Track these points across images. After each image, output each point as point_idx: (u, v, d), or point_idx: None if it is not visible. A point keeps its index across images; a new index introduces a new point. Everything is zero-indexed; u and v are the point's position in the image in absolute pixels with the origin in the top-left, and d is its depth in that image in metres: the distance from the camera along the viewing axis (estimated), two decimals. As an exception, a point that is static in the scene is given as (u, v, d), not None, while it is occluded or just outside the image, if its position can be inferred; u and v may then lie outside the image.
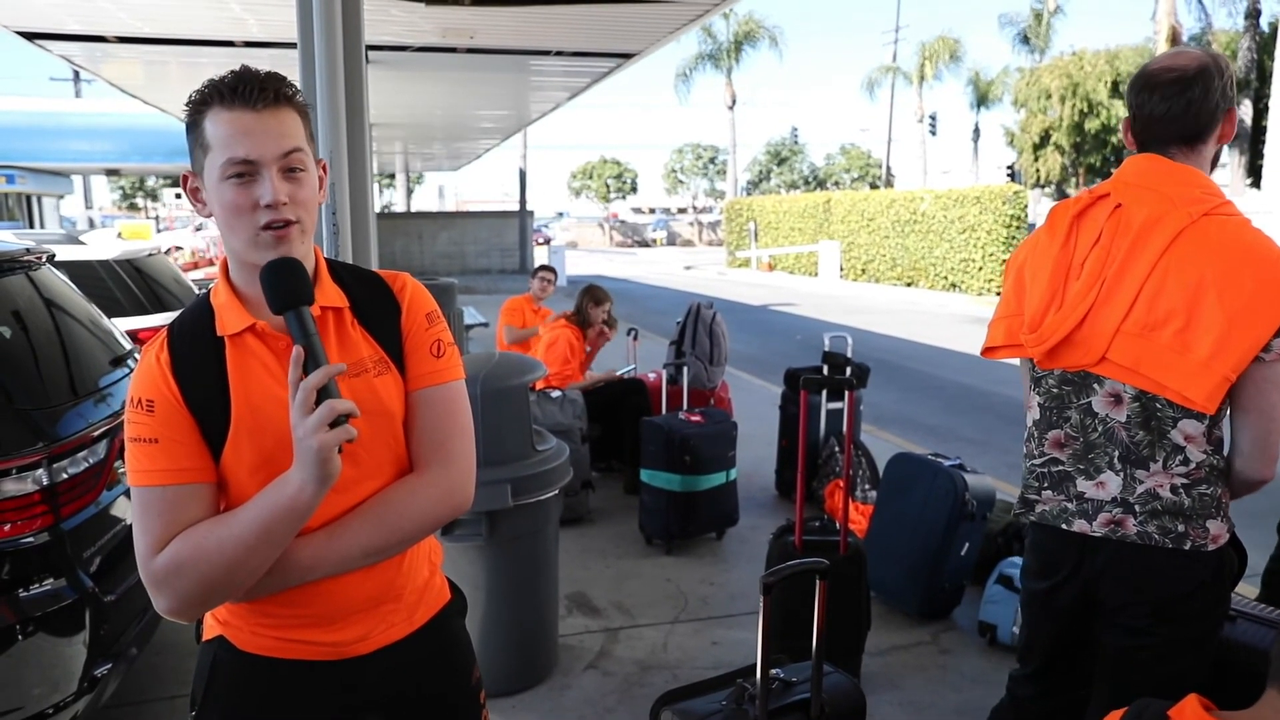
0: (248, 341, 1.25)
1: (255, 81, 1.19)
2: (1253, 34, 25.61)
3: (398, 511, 1.27)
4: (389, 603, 1.34)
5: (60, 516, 2.45)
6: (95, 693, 2.43)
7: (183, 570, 1.17)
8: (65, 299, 3.14)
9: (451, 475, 1.31)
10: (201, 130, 1.20)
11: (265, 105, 1.20)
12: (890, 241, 21.45)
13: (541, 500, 3.06)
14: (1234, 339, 1.62)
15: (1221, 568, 1.76)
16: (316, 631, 1.30)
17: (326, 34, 3.49)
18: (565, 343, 5.44)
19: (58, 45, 7.82)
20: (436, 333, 1.35)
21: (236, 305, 1.26)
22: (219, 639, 1.34)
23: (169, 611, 1.20)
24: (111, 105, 20.33)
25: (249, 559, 1.17)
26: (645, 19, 6.94)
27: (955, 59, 39.92)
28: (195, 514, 1.20)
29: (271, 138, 1.19)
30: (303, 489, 1.14)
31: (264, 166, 1.19)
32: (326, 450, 1.11)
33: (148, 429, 1.20)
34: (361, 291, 1.33)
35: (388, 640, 1.35)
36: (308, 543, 1.22)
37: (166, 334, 1.27)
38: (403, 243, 24.49)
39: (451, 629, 1.47)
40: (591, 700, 3.08)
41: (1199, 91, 1.72)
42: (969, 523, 3.58)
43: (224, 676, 1.33)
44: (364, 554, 1.25)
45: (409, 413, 1.32)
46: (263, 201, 1.19)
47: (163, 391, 1.22)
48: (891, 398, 8.35)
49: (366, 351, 1.30)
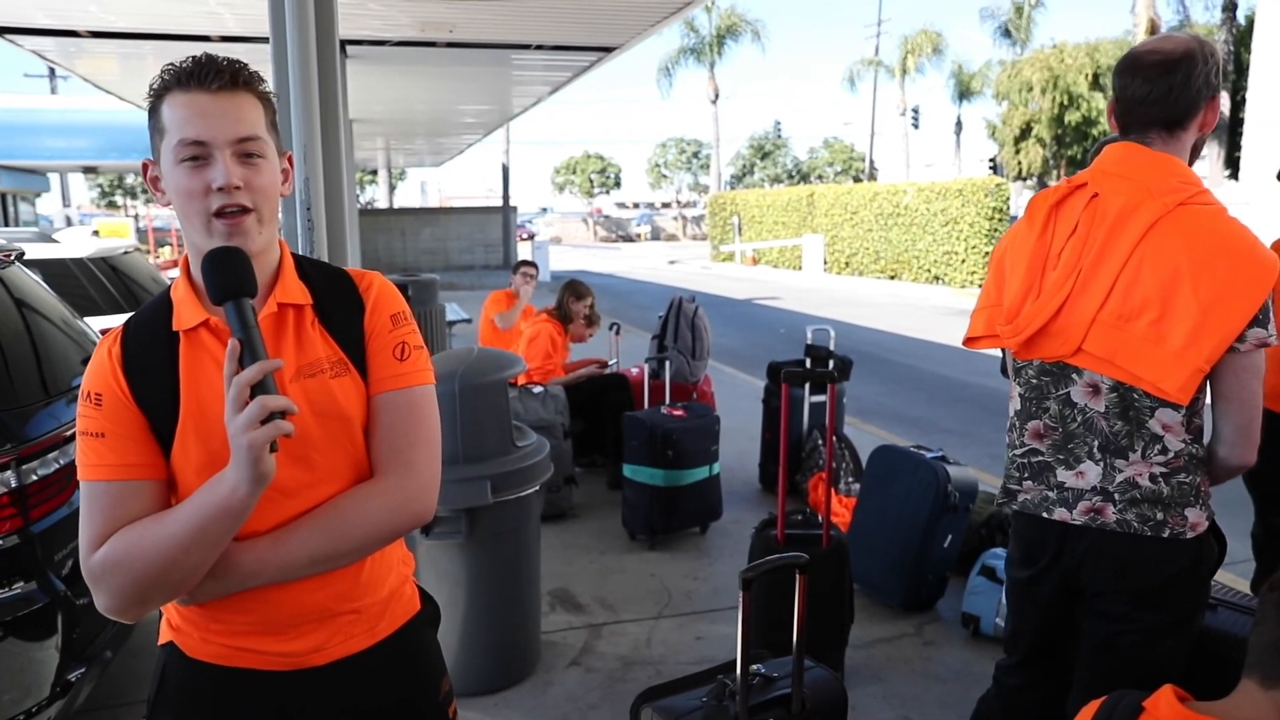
0: (201, 337, 1.22)
1: (213, 65, 1.17)
2: (1229, 26, 25.82)
3: (348, 519, 1.21)
4: (346, 614, 1.28)
5: (30, 519, 2.41)
6: (68, 697, 2.39)
7: (118, 568, 1.14)
8: (35, 298, 3.09)
9: (409, 484, 1.24)
10: (159, 115, 1.18)
11: (221, 88, 1.17)
12: (874, 235, 21.52)
13: (522, 496, 3.04)
14: (1208, 330, 1.62)
15: (1201, 555, 1.77)
16: (267, 640, 1.25)
17: (299, 27, 3.45)
18: (547, 337, 5.42)
19: (29, 40, 7.70)
20: (402, 335, 1.29)
21: (193, 300, 1.23)
22: (169, 645, 1.30)
23: (107, 610, 1.18)
24: (88, 102, 20.08)
25: (184, 559, 1.13)
26: (626, 12, 6.91)
27: (937, 52, 40.08)
28: (138, 511, 1.17)
29: (227, 121, 1.16)
30: (236, 489, 1.09)
31: (216, 149, 1.16)
32: (257, 448, 1.06)
33: (95, 423, 1.18)
34: (326, 289, 1.29)
35: (346, 652, 1.29)
36: (251, 547, 1.18)
37: (122, 328, 1.25)
38: (385, 239, 24.36)
39: (419, 640, 1.41)
40: (574, 697, 3.07)
41: (1180, 76, 1.71)
42: (951, 515, 3.58)
43: (173, 683, 1.29)
44: (310, 562, 1.20)
45: (370, 417, 1.26)
46: (214, 184, 1.15)
47: (111, 386, 1.19)
48: (875, 390, 8.36)
49: (324, 352, 1.25)
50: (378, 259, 23.29)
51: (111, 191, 44.99)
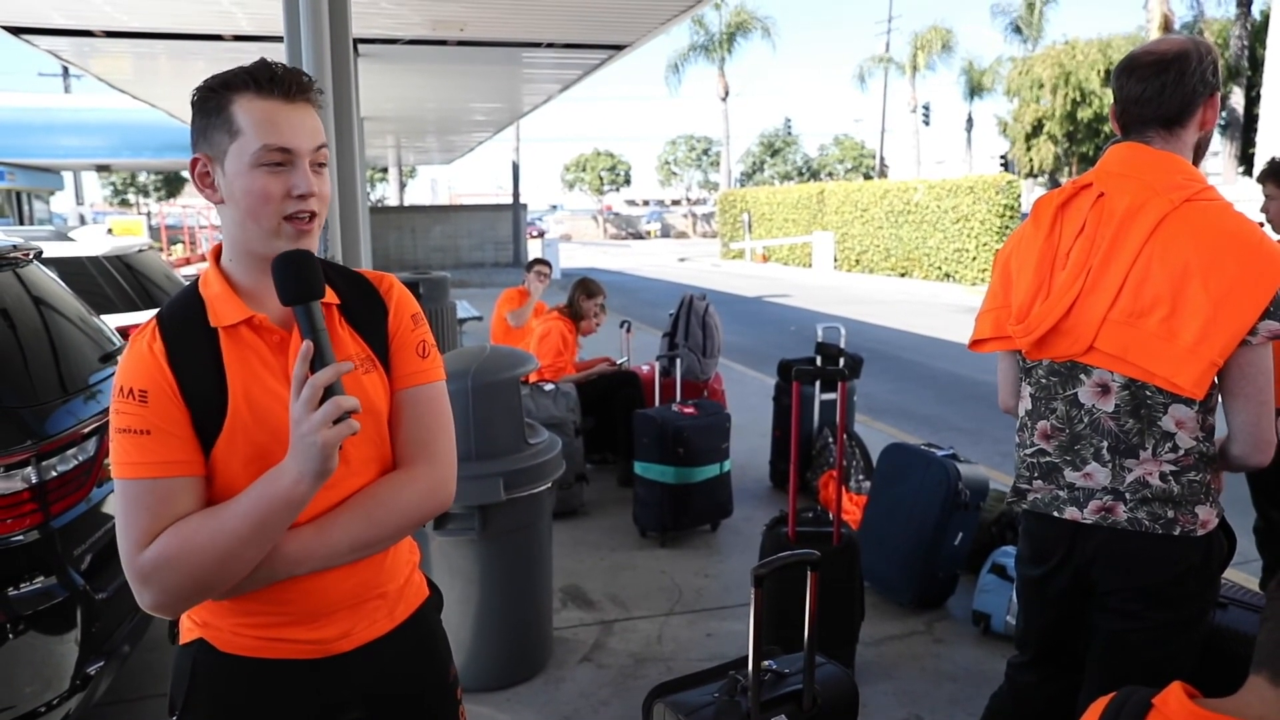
0: (243, 334, 1.24)
1: (290, 74, 1.21)
2: (1244, 22, 25.63)
3: (386, 506, 1.27)
4: (372, 599, 1.34)
5: (50, 514, 2.44)
6: (87, 690, 2.42)
7: (172, 564, 1.15)
8: (53, 296, 3.13)
9: (436, 472, 1.32)
10: (228, 115, 1.19)
11: (299, 98, 1.21)
12: (884, 232, 21.46)
13: (534, 493, 3.06)
14: (1219, 324, 1.63)
15: (1210, 552, 1.77)
16: (300, 629, 1.29)
17: (313, 27, 3.47)
18: (558, 335, 5.43)
19: (45, 40, 7.77)
20: (421, 334, 1.37)
21: (231, 296, 1.25)
22: (198, 641, 1.32)
23: (154, 607, 1.19)
24: (101, 100, 20.22)
25: (242, 552, 1.16)
26: (636, 10, 6.92)
27: (948, 49, 39.85)
28: (184, 508, 1.18)
29: (307, 130, 1.22)
30: (299, 482, 1.13)
31: (300, 157, 1.21)
32: (331, 446, 1.11)
33: (140, 420, 1.18)
34: (349, 291, 1.34)
35: (370, 636, 1.35)
36: (295, 536, 1.21)
37: (156, 323, 1.24)
38: (395, 236, 24.43)
39: (430, 624, 1.47)
40: (586, 693, 3.09)
41: (1174, 74, 1.73)
42: (962, 512, 3.59)
43: (205, 679, 1.31)
44: (351, 549, 1.25)
45: (394, 411, 1.33)
46: (296, 192, 1.20)
47: (158, 381, 1.19)
48: (886, 388, 8.35)
49: (354, 350, 1.30)
50: (388, 256, 23.36)
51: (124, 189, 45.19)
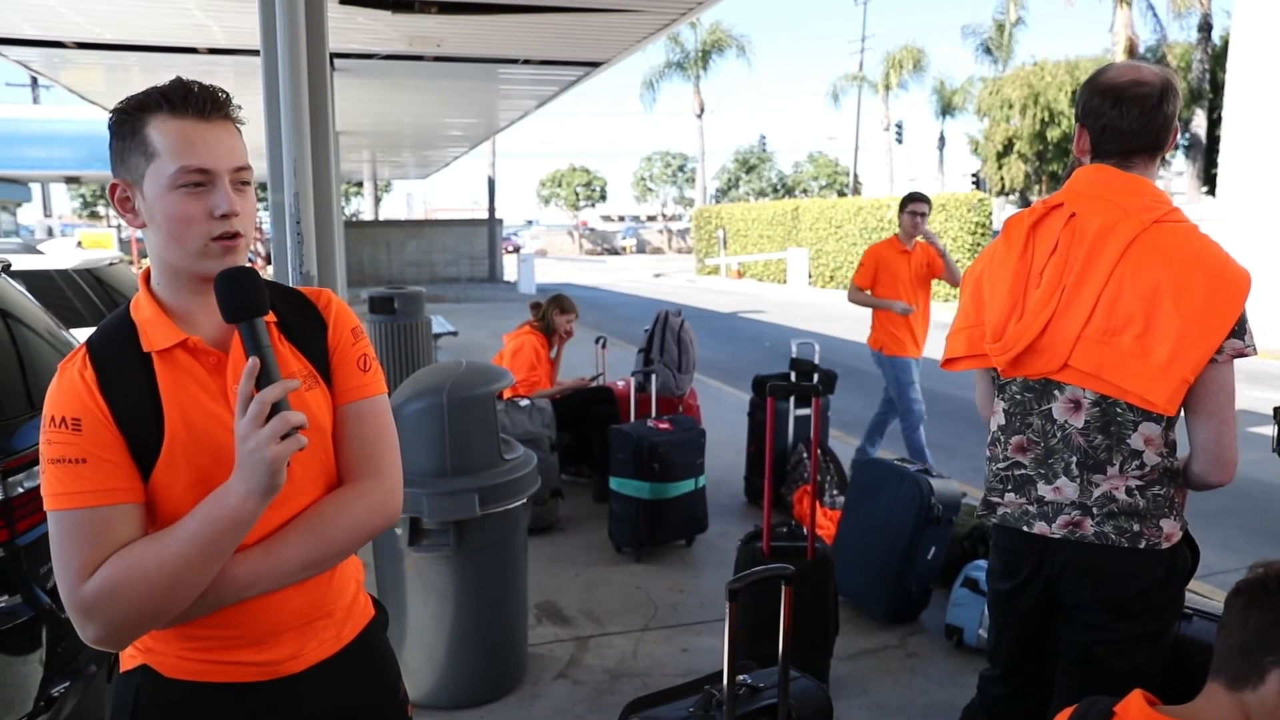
0: (178, 357, 1.21)
1: (206, 92, 1.19)
2: (1205, 46, 26.28)
3: (333, 523, 1.25)
4: (320, 619, 1.32)
5: (15, 531, 2.39)
6: (52, 712, 2.37)
7: (116, 594, 1.12)
8: (20, 309, 3.08)
9: (383, 486, 1.31)
10: (143, 137, 1.17)
11: (216, 117, 1.19)
12: (858, 248, 21.64)
13: (510, 509, 3.05)
14: (1191, 342, 1.67)
15: (1175, 564, 1.81)
16: (248, 651, 1.26)
17: (290, 41, 3.47)
18: (530, 349, 5.43)
19: (14, 50, 7.68)
20: (362, 348, 1.36)
21: (164, 320, 1.23)
22: (141, 668, 1.28)
23: (98, 640, 1.14)
24: (71, 111, 19.98)
25: (189, 576, 1.13)
26: (613, 28, 6.97)
27: (920, 68, 40.49)
28: (125, 536, 1.15)
29: (225, 149, 1.19)
30: (246, 499, 1.12)
31: (219, 177, 1.18)
32: (279, 461, 1.10)
33: (74, 448, 1.15)
34: (286, 307, 1.32)
35: (319, 658, 1.33)
36: (243, 558, 1.19)
37: (86, 351, 1.21)
38: (371, 251, 24.31)
39: (378, 643, 1.45)
40: (561, 709, 3.07)
41: (1168, 109, 1.80)
42: (935, 527, 3.62)
43: (149, 707, 1.27)
44: (301, 567, 1.23)
45: (338, 426, 1.31)
46: (217, 212, 1.18)
47: (90, 409, 1.16)
48: (860, 403, 8.40)
49: (296, 366, 1.28)
50: (364, 271, 23.23)
51: (94, 202, 44.63)
